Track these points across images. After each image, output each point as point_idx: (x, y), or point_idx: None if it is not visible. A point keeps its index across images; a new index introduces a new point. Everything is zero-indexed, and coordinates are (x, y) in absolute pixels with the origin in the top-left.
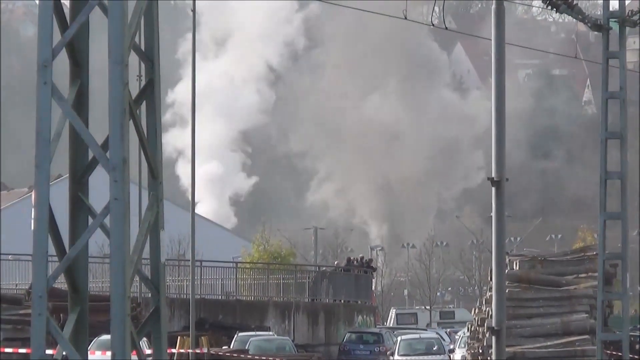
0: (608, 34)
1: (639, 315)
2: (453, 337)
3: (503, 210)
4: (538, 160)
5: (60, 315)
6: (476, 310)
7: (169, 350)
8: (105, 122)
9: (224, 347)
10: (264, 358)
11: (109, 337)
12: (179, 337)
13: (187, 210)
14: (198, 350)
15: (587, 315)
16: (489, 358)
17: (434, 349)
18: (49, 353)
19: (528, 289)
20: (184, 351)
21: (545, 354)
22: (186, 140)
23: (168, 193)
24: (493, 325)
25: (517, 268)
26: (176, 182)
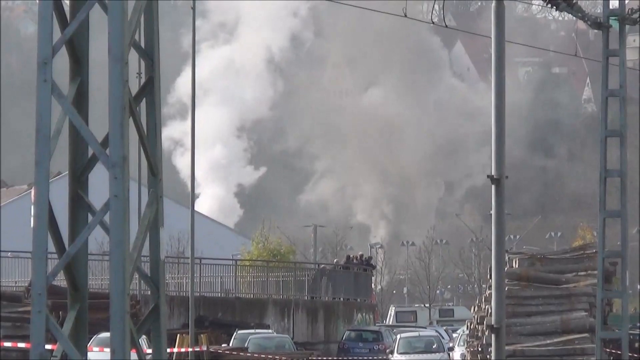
0: (608, 32)
1: (638, 313)
2: (451, 335)
3: (503, 208)
4: (538, 158)
5: (60, 312)
6: (475, 308)
7: (170, 350)
8: (105, 120)
9: (223, 345)
10: (263, 356)
11: (108, 335)
12: (178, 335)
13: (187, 208)
14: (197, 349)
15: (587, 313)
16: (488, 356)
17: (434, 347)
18: (48, 348)
19: (527, 287)
20: (184, 350)
21: (544, 352)
22: (187, 129)
23: (168, 190)
24: (492, 323)
25: (517, 266)
26: (176, 175)
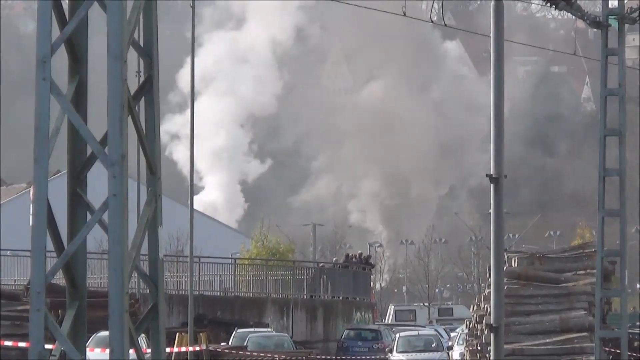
0: (607, 31)
1: (638, 312)
2: (449, 334)
3: (502, 207)
4: (537, 157)
5: (59, 311)
6: (475, 307)
7: (170, 350)
8: (104, 118)
9: (222, 344)
10: (262, 354)
11: (107, 333)
12: (177, 334)
13: (186, 206)
14: (197, 348)
15: (586, 312)
16: (487, 355)
17: (433, 345)
18: (48, 348)
19: (526, 286)
20: (184, 349)
21: (543, 351)
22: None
23: (167, 187)
24: (491, 322)
25: (516, 265)
26: (174, 167)
